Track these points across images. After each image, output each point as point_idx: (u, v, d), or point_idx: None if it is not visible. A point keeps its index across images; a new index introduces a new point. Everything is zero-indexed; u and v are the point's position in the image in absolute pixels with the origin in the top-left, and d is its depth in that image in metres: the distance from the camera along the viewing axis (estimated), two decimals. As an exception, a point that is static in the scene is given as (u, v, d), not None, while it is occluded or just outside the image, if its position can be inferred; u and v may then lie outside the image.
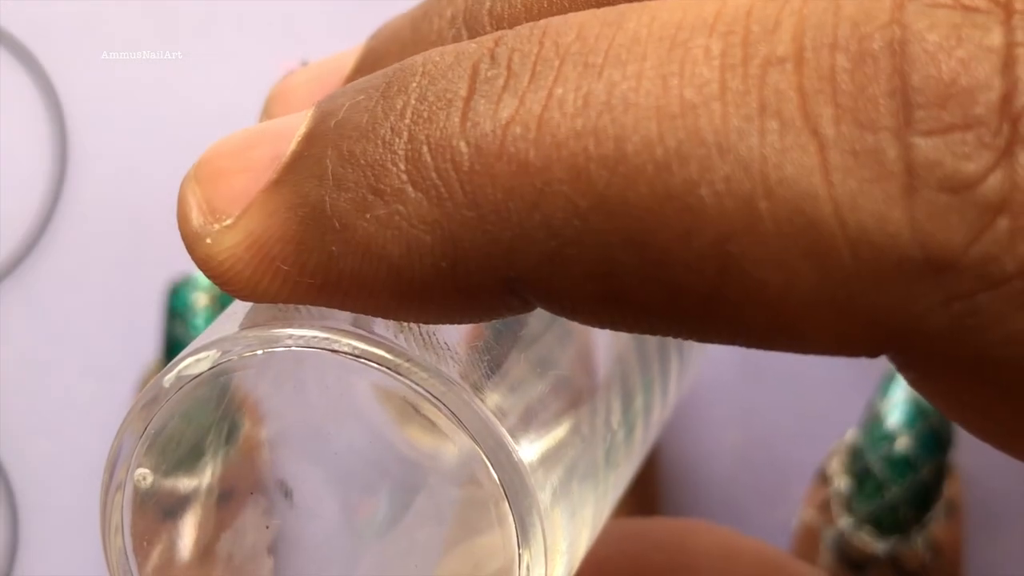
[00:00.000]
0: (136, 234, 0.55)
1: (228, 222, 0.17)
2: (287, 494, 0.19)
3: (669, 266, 0.14)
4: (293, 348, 0.17)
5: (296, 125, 0.17)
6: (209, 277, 0.17)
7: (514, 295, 0.16)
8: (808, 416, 0.57)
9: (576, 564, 0.19)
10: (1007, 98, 0.13)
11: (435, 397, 0.17)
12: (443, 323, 0.17)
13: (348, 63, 0.20)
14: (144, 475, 0.18)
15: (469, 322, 0.17)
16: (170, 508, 0.19)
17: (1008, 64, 0.14)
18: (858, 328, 0.14)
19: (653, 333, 0.15)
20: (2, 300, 0.55)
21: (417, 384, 0.17)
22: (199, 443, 0.19)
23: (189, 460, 0.19)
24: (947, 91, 0.14)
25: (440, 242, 0.15)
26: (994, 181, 0.13)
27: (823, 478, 0.52)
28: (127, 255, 0.55)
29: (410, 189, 0.15)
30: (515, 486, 0.17)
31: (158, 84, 0.55)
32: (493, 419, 0.17)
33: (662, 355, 0.24)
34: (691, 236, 0.14)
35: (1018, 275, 0.13)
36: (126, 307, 0.55)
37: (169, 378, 0.18)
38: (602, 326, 0.16)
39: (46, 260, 0.55)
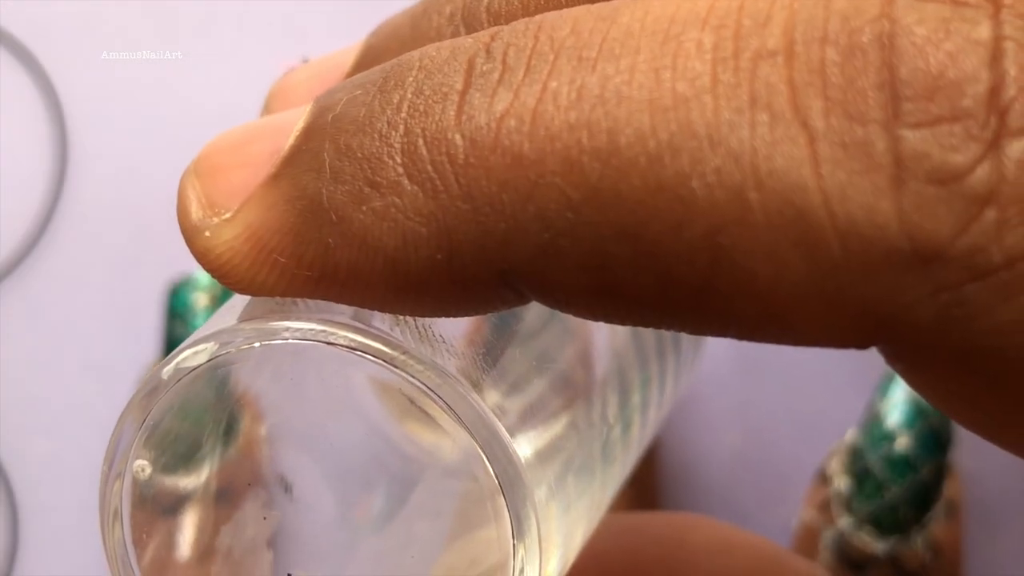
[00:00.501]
0: (136, 234, 0.55)
1: (227, 216, 0.17)
2: (287, 488, 0.19)
3: (661, 257, 0.14)
4: (290, 341, 0.17)
5: (294, 120, 0.17)
6: (208, 270, 0.17)
7: (509, 287, 0.16)
8: (808, 416, 0.57)
9: (571, 559, 0.19)
10: (995, 91, 0.14)
11: (431, 390, 0.17)
12: (439, 316, 0.17)
13: (348, 60, 0.20)
14: (143, 466, 0.18)
15: (464, 315, 0.17)
16: (169, 505, 0.19)
17: (996, 57, 0.14)
18: (847, 319, 0.14)
19: (646, 325, 0.16)
20: (2, 300, 0.55)
21: (413, 377, 0.17)
22: (198, 438, 0.19)
23: (188, 456, 0.19)
24: (935, 84, 0.14)
25: (435, 234, 0.15)
26: (981, 173, 0.14)
27: (823, 478, 0.52)
28: (127, 255, 0.55)
29: (406, 182, 0.16)
30: (510, 478, 0.17)
31: (158, 84, 0.55)
32: (489, 412, 0.17)
33: (659, 353, 0.24)
34: (683, 228, 0.14)
35: (1005, 266, 0.14)
36: (126, 307, 0.55)
37: (168, 370, 0.18)
38: (596, 318, 0.16)
39: (46, 260, 0.55)
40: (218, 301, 0.52)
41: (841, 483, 0.51)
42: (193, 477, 0.19)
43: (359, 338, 0.17)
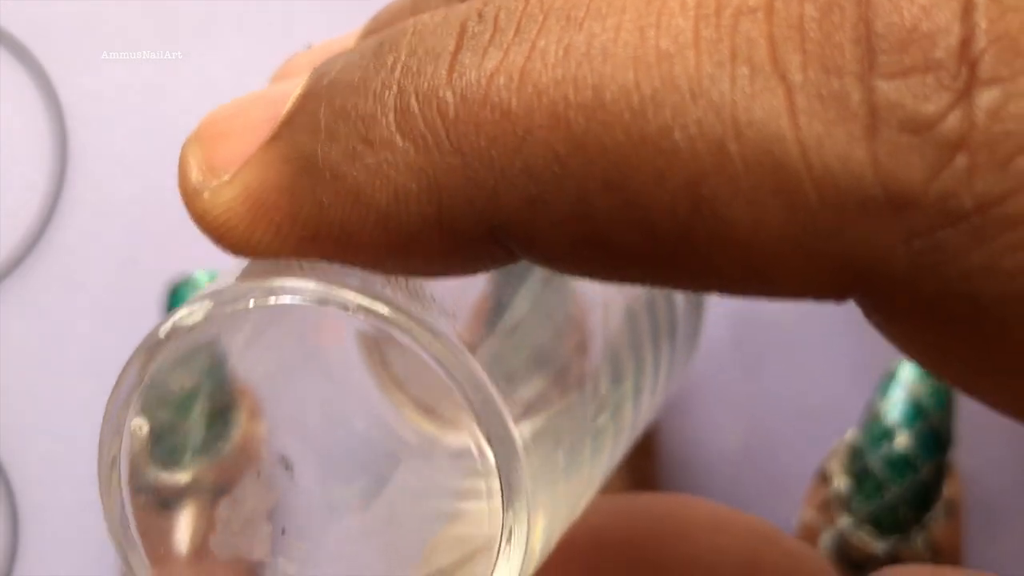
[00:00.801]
0: (136, 234, 0.55)
1: (226, 178, 0.18)
2: (287, 466, 0.19)
3: (644, 209, 0.15)
4: (285, 299, 0.17)
5: (293, 88, 0.18)
6: (205, 232, 0.18)
7: (497, 243, 0.16)
8: (808, 416, 0.57)
9: (556, 536, 0.20)
10: (966, 43, 0.14)
11: (427, 350, 0.17)
12: (430, 275, 0.17)
13: (349, 45, 0.21)
14: (140, 425, 0.18)
15: (455, 274, 0.17)
16: (166, 499, 0.19)
17: (967, 11, 0.14)
18: (825, 269, 0.15)
19: (631, 281, 0.16)
20: (2, 300, 0.55)
21: (411, 336, 0.17)
22: (192, 429, 0.19)
23: (182, 447, 0.19)
24: (909, 36, 0.14)
25: (426, 189, 0.16)
26: (953, 121, 0.14)
27: (823, 478, 0.52)
28: (127, 255, 0.55)
29: (398, 138, 0.16)
30: (502, 438, 0.17)
31: (158, 84, 0.55)
32: (481, 370, 0.17)
33: (654, 339, 0.24)
34: (665, 179, 0.15)
35: (976, 211, 0.14)
36: (126, 307, 0.55)
37: (165, 328, 0.18)
38: (581, 274, 0.16)
39: (46, 260, 0.55)
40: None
41: (841, 483, 0.51)
42: (188, 470, 0.19)
43: (354, 295, 0.17)
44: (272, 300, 0.17)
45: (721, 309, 0.53)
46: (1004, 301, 0.14)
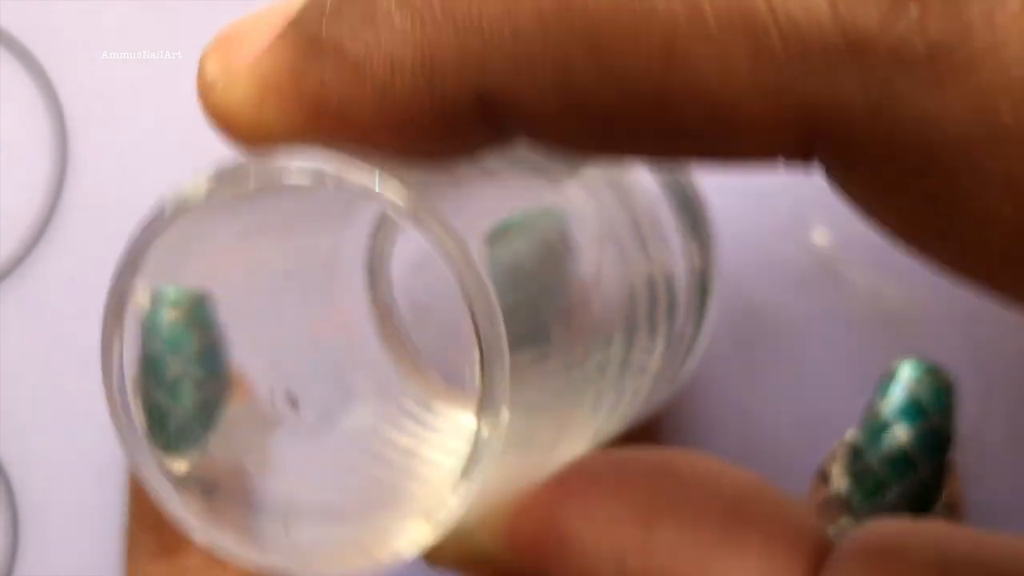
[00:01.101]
0: (136, 234, 0.55)
1: (240, 71, 0.20)
2: (293, 404, 0.19)
3: (622, 68, 0.16)
4: (290, 178, 0.18)
5: None
6: (217, 123, 0.20)
7: (488, 122, 0.17)
8: (808, 416, 0.57)
9: (518, 483, 0.20)
10: None
11: (425, 228, 0.17)
12: (426, 153, 0.18)
13: None
14: (143, 298, 0.19)
15: (449, 153, 0.18)
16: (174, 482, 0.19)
17: None
18: (790, 121, 0.16)
19: (611, 151, 0.17)
20: (2, 300, 0.55)
21: (412, 217, 0.17)
22: (189, 418, 0.19)
23: (177, 434, 0.19)
24: None
25: (419, 60, 0.18)
26: None
27: (823, 478, 0.52)
28: (127, 255, 0.55)
29: (396, 15, 0.18)
30: (489, 326, 0.17)
31: (158, 84, 0.55)
32: (477, 258, 0.17)
33: (650, 310, 0.24)
34: (641, 38, 0.16)
35: (928, 59, 0.15)
36: (126, 307, 0.55)
37: (169, 205, 0.18)
38: (564, 146, 0.17)
39: (46, 260, 0.55)
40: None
41: (841, 483, 0.51)
42: (183, 461, 0.19)
43: (353, 171, 0.17)
44: (274, 178, 0.18)
45: (722, 309, 0.53)
46: (954, 147, 0.15)
